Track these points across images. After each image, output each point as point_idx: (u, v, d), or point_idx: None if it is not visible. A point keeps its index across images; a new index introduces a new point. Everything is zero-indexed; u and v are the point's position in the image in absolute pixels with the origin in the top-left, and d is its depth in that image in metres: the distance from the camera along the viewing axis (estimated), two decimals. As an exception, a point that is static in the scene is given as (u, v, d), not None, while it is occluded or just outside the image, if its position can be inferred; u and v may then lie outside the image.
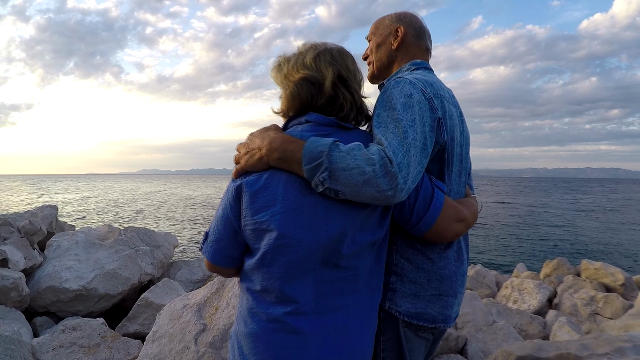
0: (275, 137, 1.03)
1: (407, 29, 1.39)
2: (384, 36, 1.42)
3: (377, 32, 1.46)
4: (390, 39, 1.40)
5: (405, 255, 1.18)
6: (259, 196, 1.01)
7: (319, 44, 1.16)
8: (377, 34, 1.45)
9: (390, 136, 0.99)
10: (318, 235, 0.99)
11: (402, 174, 0.93)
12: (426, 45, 1.41)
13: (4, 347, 2.33)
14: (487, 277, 7.39)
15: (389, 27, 1.42)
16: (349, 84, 1.11)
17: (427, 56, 1.41)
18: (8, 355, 2.31)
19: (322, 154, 0.94)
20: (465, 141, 1.29)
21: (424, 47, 1.40)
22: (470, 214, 1.19)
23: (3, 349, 2.32)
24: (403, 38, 1.38)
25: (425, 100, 1.08)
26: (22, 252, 3.69)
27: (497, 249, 16.28)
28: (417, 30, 1.39)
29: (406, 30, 1.39)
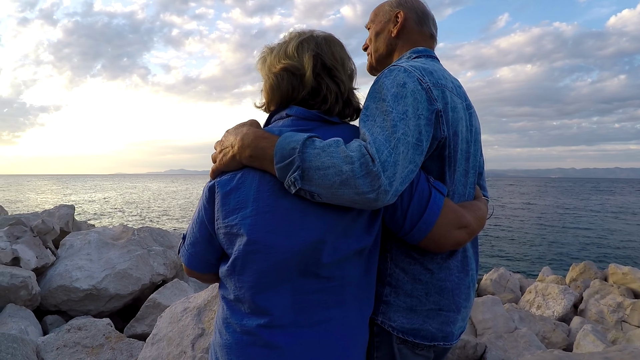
0: (247, 133, 0.94)
1: (408, 14, 1.25)
2: (383, 23, 1.30)
3: (376, 20, 1.33)
4: (389, 25, 1.28)
5: (401, 264, 1.04)
6: (230, 197, 0.93)
7: (305, 31, 1.06)
8: (376, 21, 1.32)
9: (377, 131, 0.87)
10: (292, 242, 0.88)
11: (386, 174, 0.81)
12: (430, 31, 1.27)
13: (6, 345, 2.32)
14: (511, 281, 7.15)
15: (388, 13, 1.29)
16: (334, 74, 1.00)
17: (431, 43, 1.28)
18: (10, 353, 2.29)
19: (294, 151, 0.83)
20: (474, 137, 1.14)
21: (428, 33, 1.27)
22: (474, 219, 1.03)
23: (5, 347, 2.30)
24: (403, 24, 1.25)
25: (422, 90, 0.95)
26: (34, 251, 3.71)
27: (522, 252, 15.85)
28: (419, 15, 1.26)
29: (407, 15, 1.25)
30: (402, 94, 0.92)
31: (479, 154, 1.23)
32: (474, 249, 1.19)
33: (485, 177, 1.39)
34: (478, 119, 1.25)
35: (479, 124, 1.21)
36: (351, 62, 1.08)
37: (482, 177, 1.32)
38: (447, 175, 1.04)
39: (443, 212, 0.95)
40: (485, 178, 1.39)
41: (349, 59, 1.07)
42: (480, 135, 1.21)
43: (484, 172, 1.33)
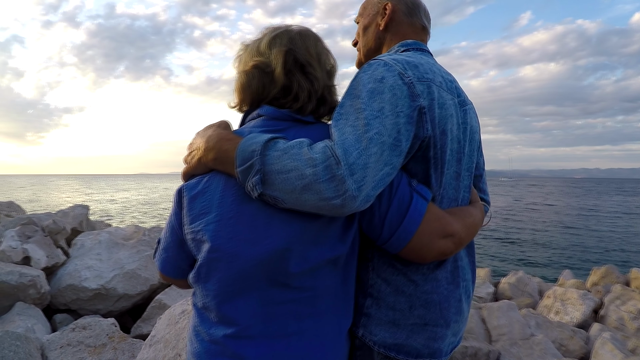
0: (211, 135, 0.90)
1: (397, 5, 1.18)
2: (371, 16, 1.23)
3: (364, 13, 1.26)
4: (377, 18, 1.20)
5: (383, 275, 0.97)
6: (196, 202, 0.89)
7: (281, 26, 1.00)
8: (365, 14, 1.26)
9: (348, 130, 0.80)
10: (256, 250, 0.83)
11: (354, 178, 0.74)
12: (421, 23, 1.19)
13: (9, 342, 2.33)
14: (530, 285, 6.94)
15: (376, 6, 1.22)
16: (307, 70, 0.94)
17: (422, 36, 1.20)
18: (12, 350, 2.31)
19: (254, 154, 0.78)
20: (470, 136, 1.06)
21: (418, 25, 1.19)
22: (462, 227, 0.94)
23: (8, 345, 2.32)
24: (391, 16, 1.18)
25: (404, 85, 0.87)
26: (45, 250, 3.75)
27: (543, 255, 15.46)
28: (409, 6, 1.18)
29: (395, 6, 1.18)
30: (379, 89, 0.85)
31: (477, 154, 1.16)
32: (469, 257, 1.11)
33: (509, 177, 1.29)
34: (476, 117, 1.17)
35: (476, 122, 1.14)
36: (330, 58, 1.02)
37: (482, 179, 1.25)
38: (433, 179, 0.95)
39: (425, 219, 0.86)
40: (509, 178, 1.28)
41: (328, 54, 1.01)
42: (478, 134, 1.13)
43: (484, 174, 1.26)
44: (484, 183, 1.26)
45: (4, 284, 2.93)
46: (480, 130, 1.21)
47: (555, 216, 30.42)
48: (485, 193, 1.26)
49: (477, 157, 1.18)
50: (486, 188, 1.27)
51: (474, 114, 1.13)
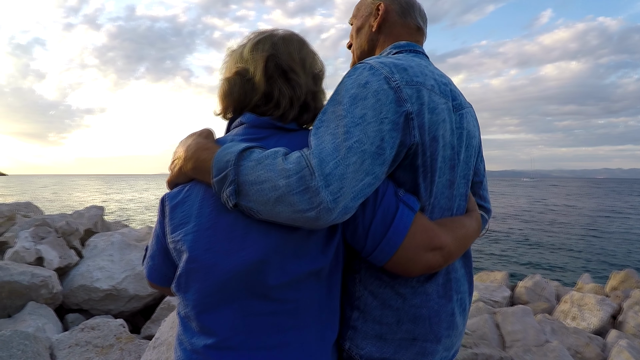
0: (190, 144, 0.89)
1: (390, 5, 1.14)
2: (364, 17, 1.19)
3: (358, 14, 1.22)
4: (370, 20, 1.17)
5: (369, 287, 0.93)
6: (176, 211, 0.88)
7: (266, 30, 0.98)
8: (358, 16, 1.22)
9: (327, 139, 0.77)
10: (232, 262, 0.81)
11: (330, 189, 0.71)
12: (416, 24, 1.15)
13: (18, 341, 2.37)
14: (547, 289, 6.79)
15: (369, 6, 1.18)
16: (289, 76, 0.92)
17: (417, 36, 1.15)
18: (20, 350, 2.34)
19: (228, 164, 0.77)
20: (467, 141, 1.01)
21: (413, 25, 1.14)
22: (452, 239, 0.89)
23: (16, 344, 2.36)
24: (384, 17, 1.14)
25: (390, 89, 0.83)
26: (58, 251, 3.82)
27: (562, 257, 15.11)
28: (402, 6, 1.14)
29: (388, 6, 1.14)
30: (362, 95, 0.81)
31: (476, 160, 1.11)
32: (465, 268, 1.07)
33: (531, 177, 1.23)
34: (475, 120, 1.12)
35: (474, 126, 1.09)
36: (317, 62, 0.99)
37: (482, 186, 1.20)
38: (421, 188, 0.90)
39: (411, 231, 0.82)
40: (531, 178, 1.22)
41: (314, 58, 0.99)
42: (476, 139, 1.09)
43: (484, 180, 1.21)
44: (484, 190, 1.21)
45: (16, 283, 2.99)
46: (481, 133, 1.17)
47: (576, 218, 29.74)
48: (486, 200, 1.21)
49: (477, 162, 1.14)
50: (487, 195, 1.23)
51: (472, 117, 1.08)
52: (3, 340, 2.28)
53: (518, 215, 31.06)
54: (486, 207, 1.20)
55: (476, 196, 1.17)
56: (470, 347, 3.31)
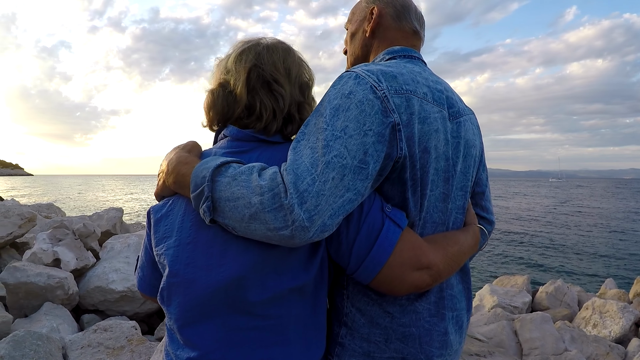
0: (172, 158, 0.88)
1: (384, 9, 1.09)
2: (359, 22, 1.14)
3: (352, 19, 1.17)
4: (364, 24, 1.12)
5: (357, 304, 0.90)
6: (160, 225, 0.88)
7: (252, 39, 0.97)
8: (353, 20, 1.17)
9: (306, 153, 0.74)
10: (212, 277, 0.80)
11: (305, 207, 0.68)
12: (412, 27, 1.09)
13: (31, 342, 2.43)
14: (568, 295, 6.61)
15: (364, 11, 1.13)
16: (273, 87, 0.90)
17: (413, 41, 1.09)
18: (33, 350, 2.40)
19: (204, 180, 0.75)
20: (465, 151, 0.97)
21: (408, 29, 1.09)
22: (442, 258, 0.85)
23: (29, 344, 2.42)
24: (378, 21, 1.09)
25: (375, 99, 0.79)
26: (75, 253, 3.91)
27: (586, 261, 14.68)
28: (397, 9, 1.09)
29: (382, 10, 1.09)
30: (344, 106, 0.78)
31: (477, 169, 1.07)
32: (463, 284, 1.03)
33: (558, 178, 1.15)
34: (477, 128, 1.08)
35: (474, 134, 1.04)
36: (304, 71, 0.97)
37: (485, 197, 1.15)
38: (410, 203, 0.86)
39: (397, 249, 0.79)
40: (558, 179, 1.15)
41: (301, 67, 0.96)
42: (476, 148, 1.04)
43: (486, 190, 1.15)
44: (486, 200, 1.16)
45: (32, 284, 3.07)
46: (482, 141, 1.13)
47: (602, 220, 28.85)
48: (488, 211, 1.16)
49: (479, 172, 1.10)
50: (489, 206, 1.17)
51: (472, 125, 1.03)
52: (16, 340, 2.34)
53: (541, 216, 30.34)
54: (488, 219, 1.16)
55: (478, 207, 1.12)
56: (485, 357, 3.24)
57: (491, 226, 1.17)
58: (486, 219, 1.14)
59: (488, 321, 5.10)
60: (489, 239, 1.17)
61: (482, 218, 1.13)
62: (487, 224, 1.15)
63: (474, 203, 1.11)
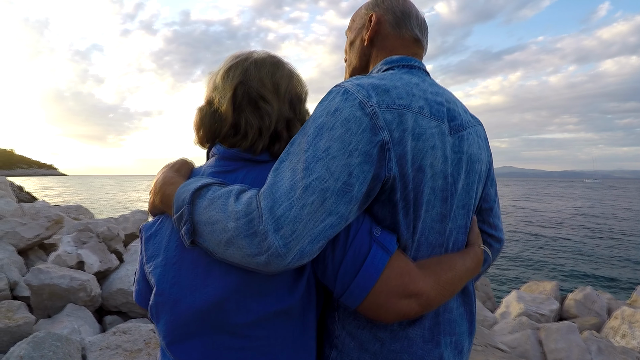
0: (159, 178, 0.89)
1: (383, 16, 1.03)
2: (357, 30, 1.08)
3: (352, 27, 1.12)
4: (362, 32, 1.06)
5: (348, 327, 0.86)
6: (150, 243, 0.89)
7: (242, 54, 0.95)
8: (352, 28, 1.11)
9: (286, 175, 0.71)
10: (196, 298, 0.80)
11: (281, 233, 0.66)
12: (412, 35, 1.03)
13: (50, 343, 2.51)
14: (597, 303, 6.36)
15: (363, 18, 1.07)
16: (259, 105, 0.88)
17: (414, 49, 1.03)
18: (52, 351, 2.47)
19: (184, 202, 0.75)
20: (468, 167, 0.92)
21: (409, 37, 1.03)
22: (434, 285, 0.80)
23: (49, 345, 2.49)
24: (377, 29, 1.03)
25: (364, 116, 0.75)
26: (98, 255, 4.02)
27: (618, 266, 14.08)
28: (397, 16, 1.03)
29: (381, 17, 1.03)
30: (329, 124, 0.74)
31: (481, 185, 1.01)
32: (465, 306, 0.97)
33: (593, 178, 1.07)
34: (484, 140, 1.03)
35: (480, 148, 0.98)
36: (295, 85, 0.95)
37: (493, 213, 1.08)
38: (402, 225, 0.81)
39: (384, 275, 0.75)
40: (593, 179, 1.07)
41: (291, 81, 0.94)
42: (481, 164, 0.98)
43: (494, 206, 1.09)
44: (494, 217, 1.09)
45: (55, 286, 3.17)
46: (491, 154, 1.08)
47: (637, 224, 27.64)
48: (497, 229, 1.10)
49: (486, 187, 1.05)
50: (498, 223, 1.11)
51: (477, 138, 0.98)
52: (36, 341, 2.42)
53: (572, 219, 29.34)
54: (497, 237, 1.10)
55: (485, 224, 1.07)
56: (504, 367, 3.14)
57: (500, 244, 1.11)
58: (494, 236, 1.09)
59: (512, 330, 4.97)
60: (498, 256, 1.12)
61: (490, 236, 1.08)
62: (496, 242, 1.10)
63: (481, 220, 1.06)
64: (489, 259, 1.06)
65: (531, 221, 27.90)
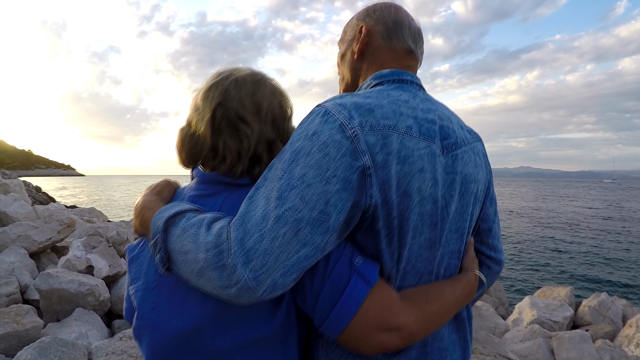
0: (139, 201, 0.89)
1: (373, 27, 0.97)
2: (349, 42, 1.02)
3: (344, 38, 1.06)
4: (353, 45, 1.00)
5: (331, 355, 0.83)
6: (132, 265, 0.89)
7: (224, 72, 0.92)
8: (344, 40, 1.05)
9: (260, 203, 0.68)
10: (174, 324, 0.79)
11: (250, 266, 0.63)
12: (405, 46, 0.96)
13: (56, 348, 2.55)
14: (612, 310, 6.22)
15: (353, 29, 1.01)
16: (238, 127, 0.85)
17: (407, 61, 0.96)
18: (57, 356, 2.51)
19: (158, 230, 0.74)
20: (462, 188, 0.87)
21: (401, 48, 0.96)
22: (416, 318, 0.77)
23: (54, 350, 2.53)
24: (367, 41, 0.97)
25: (344, 139, 0.70)
26: (107, 260, 4.08)
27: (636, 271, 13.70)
28: (388, 26, 0.96)
29: (371, 28, 0.97)
30: (306, 149, 0.70)
31: (478, 206, 0.96)
32: (458, 333, 0.93)
33: (613, 179, 1.01)
34: (480, 158, 0.97)
35: (479, 166, 0.94)
36: (277, 104, 0.91)
37: (492, 233, 1.03)
38: (385, 254, 0.77)
39: (364, 307, 0.72)
40: (613, 180, 1.00)
41: (273, 100, 0.91)
42: (477, 184, 0.92)
43: (494, 227, 1.04)
44: (494, 238, 1.04)
45: (64, 291, 3.22)
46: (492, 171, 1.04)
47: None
48: (497, 250, 1.05)
49: (485, 207, 1.00)
50: (498, 244, 1.05)
51: (474, 156, 0.93)
52: (42, 347, 2.46)
53: (590, 222, 28.74)
54: (496, 258, 1.05)
55: (484, 245, 1.03)
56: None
57: (499, 266, 1.06)
58: (493, 258, 1.04)
59: (524, 338, 4.88)
60: (497, 278, 1.08)
61: (488, 257, 1.03)
62: (495, 264, 1.05)
63: (479, 241, 1.02)
64: (483, 287, 1.01)
65: (547, 223, 27.44)
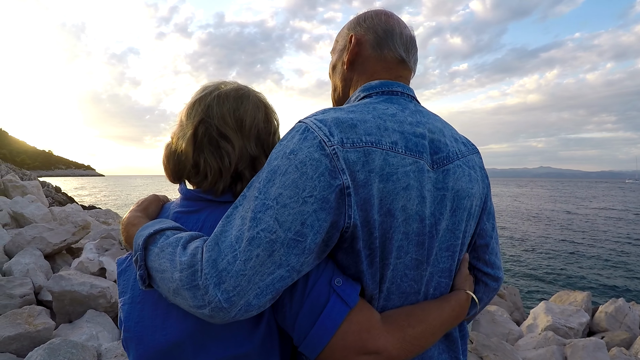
0: (125, 217, 0.90)
1: (364, 36, 0.94)
2: (339, 52, 1.00)
3: (335, 48, 1.03)
4: (343, 55, 0.97)
5: None
6: (120, 279, 0.91)
7: (209, 85, 0.93)
8: (336, 49, 1.03)
9: (235, 223, 0.68)
10: (157, 338, 0.81)
11: (223, 287, 0.64)
12: (396, 55, 0.93)
13: (66, 350, 2.60)
14: (629, 316, 6.06)
15: (344, 39, 0.99)
16: (219, 145, 0.85)
17: (399, 71, 0.93)
18: (67, 358, 2.56)
19: (139, 247, 0.76)
20: (454, 204, 0.84)
21: (392, 58, 0.93)
22: (397, 341, 0.74)
23: (64, 352, 2.58)
24: (357, 50, 0.94)
25: (323, 157, 0.69)
26: (119, 261, 4.14)
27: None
28: (378, 35, 0.93)
29: (361, 37, 0.94)
30: (283, 168, 0.69)
31: (473, 222, 0.93)
32: (449, 353, 0.91)
33: (635, 179, 0.96)
34: (476, 171, 0.93)
35: (473, 181, 0.90)
36: (262, 120, 0.91)
37: (489, 249, 1.00)
38: (366, 275, 0.76)
39: (342, 330, 0.71)
40: (635, 180, 0.94)
41: (257, 115, 0.91)
42: (470, 199, 0.89)
43: (491, 242, 1.00)
44: (491, 254, 1.00)
45: (76, 293, 3.29)
46: (490, 185, 1.01)
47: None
48: (494, 266, 1.01)
49: (481, 222, 0.98)
50: (495, 260, 1.01)
51: (468, 169, 0.90)
52: (52, 348, 2.52)
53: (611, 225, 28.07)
54: (493, 275, 1.01)
55: (481, 262, 1.00)
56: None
57: (497, 283, 1.03)
58: (490, 275, 1.01)
59: (537, 345, 4.80)
60: (494, 295, 1.04)
61: (485, 274, 1.00)
62: (492, 281, 1.01)
63: (476, 257, 0.99)
64: (476, 306, 0.97)
65: (566, 225, 26.89)
